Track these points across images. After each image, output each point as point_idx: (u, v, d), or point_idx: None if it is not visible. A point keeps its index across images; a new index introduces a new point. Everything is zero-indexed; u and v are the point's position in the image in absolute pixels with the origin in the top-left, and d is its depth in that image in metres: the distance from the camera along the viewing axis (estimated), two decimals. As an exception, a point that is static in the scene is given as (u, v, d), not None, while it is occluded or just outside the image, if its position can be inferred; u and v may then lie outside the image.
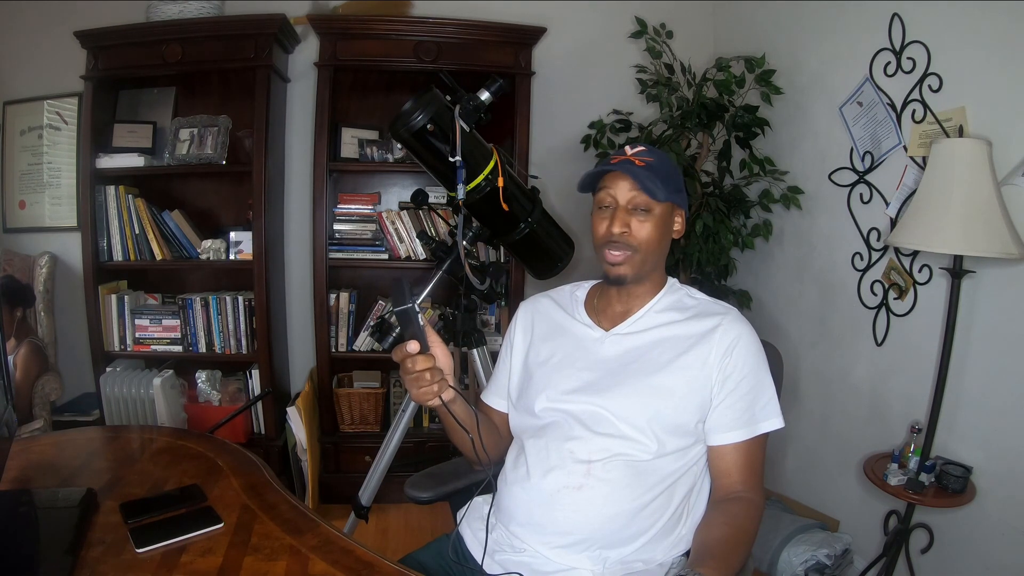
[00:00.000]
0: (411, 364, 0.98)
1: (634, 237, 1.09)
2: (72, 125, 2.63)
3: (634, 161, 1.09)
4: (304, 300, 2.75)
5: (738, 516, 1.03)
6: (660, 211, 1.10)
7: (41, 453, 1.27)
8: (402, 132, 1.38)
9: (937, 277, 1.85)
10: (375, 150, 2.57)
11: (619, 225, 1.09)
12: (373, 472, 1.74)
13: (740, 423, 1.06)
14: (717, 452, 1.08)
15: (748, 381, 1.07)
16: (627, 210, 1.09)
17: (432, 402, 1.00)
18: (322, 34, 2.46)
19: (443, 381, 1.00)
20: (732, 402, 1.06)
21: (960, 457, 1.74)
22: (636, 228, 1.09)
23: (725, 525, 1.02)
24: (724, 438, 1.07)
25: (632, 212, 1.09)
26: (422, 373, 0.98)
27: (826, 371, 2.28)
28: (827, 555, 2.01)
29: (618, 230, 1.09)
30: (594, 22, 2.79)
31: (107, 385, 2.42)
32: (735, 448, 1.06)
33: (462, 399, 1.09)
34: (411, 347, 0.98)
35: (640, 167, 1.08)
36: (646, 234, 1.09)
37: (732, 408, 1.06)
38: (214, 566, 0.89)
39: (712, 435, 1.08)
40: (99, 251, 2.48)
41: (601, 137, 2.53)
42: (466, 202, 1.43)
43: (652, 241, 1.10)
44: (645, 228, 1.09)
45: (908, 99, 1.90)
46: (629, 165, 1.08)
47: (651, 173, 1.07)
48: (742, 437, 1.06)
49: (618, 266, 1.10)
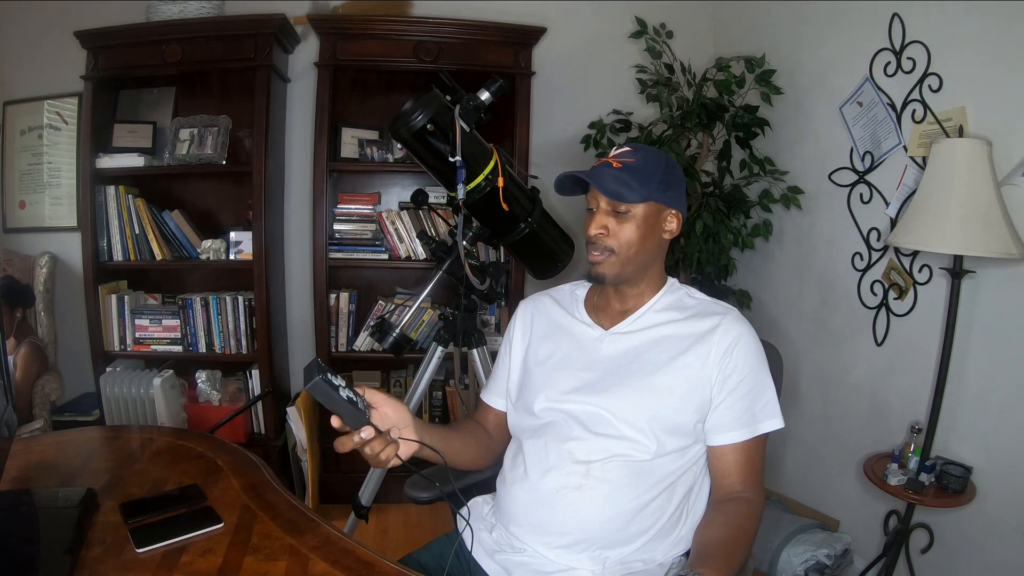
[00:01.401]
0: (363, 448, 0.91)
1: (613, 238, 1.09)
2: (72, 125, 2.63)
3: (611, 163, 1.08)
4: (304, 300, 2.75)
5: (738, 516, 1.03)
6: (641, 211, 1.08)
7: (41, 453, 1.27)
8: (402, 132, 1.38)
9: (937, 277, 1.85)
10: (375, 150, 2.57)
11: (595, 227, 1.09)
12: (373, 472, 1.74)
13: (740, 423, 1.06)
14: (717, 452, 1.08)
15: (748, 381, 1.07)
16: (607, 212, 1.09)
17: (394, 462, 0.96)
18: (322, 34, 2.46)
19: (393, 444, 0.94)
20: (732, 402, 1.06)
21: (960, 457, 1.74)
22: (615, 229, 1.09)
23: (725, 525, 1.02)
24: (724, 438, 1.06)
25: (612, 214, 1.09)
26: (374, 451, 0.92)
27: (826, 371, 2.28)
28: (827, 555, 2.01)
29: (594, 232, 1.09)
30: (594, 22, 2.79)
31: (107, 385, 2.42)
32: (735, 448, 1.06)
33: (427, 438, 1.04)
34: (361, 434, 0.89)
35: (616, 169, 1.07)
36: (625, 235, 1.08)
37: (732, 408, 1.06)
38: (214, 566, 0.89)
39: (712, 435, 1.07)
40: (99, 251, 2.48)
41: (601, 137, 2.53)
42: (466, 202, 1.43)
43: (632, 242, 1.09)
44: (624, 229, 1.08)
45: (908, 99, 1.90)
46: (604, 168, 1.08)
47: (627, 174, 1.06)
48: (742, 437, 1.06)
49: (597, 266, 1.11)
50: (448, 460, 1.07)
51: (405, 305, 2.56)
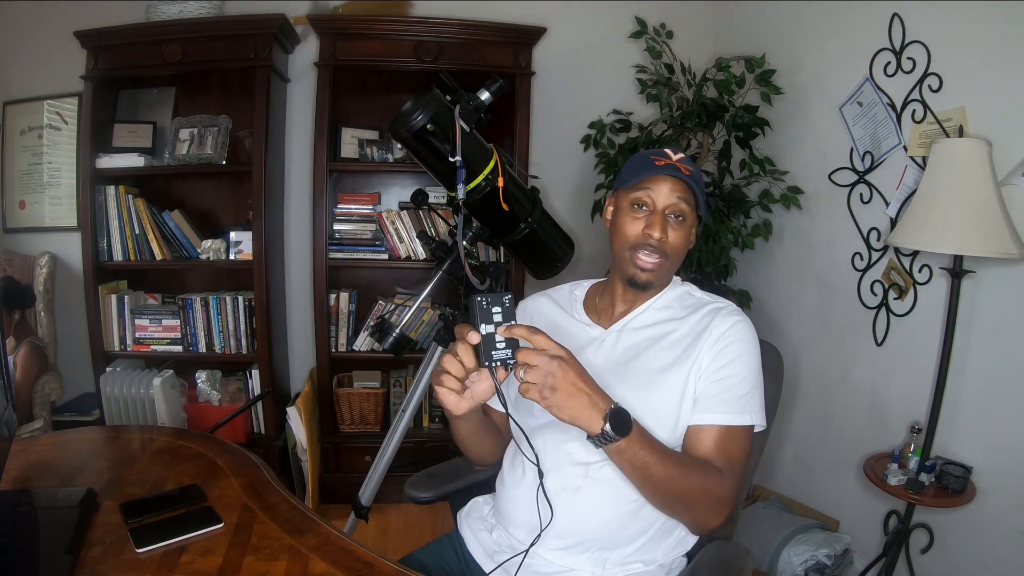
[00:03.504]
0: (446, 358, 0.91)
1: (669, 244, 1.07)
2: (72, 125, 2.63)
3: (680, 168, 1.06)
4: (304, 300, 2.75)
5: (695, 463, 0.99)
6: (691, 221, 1.10)
7: (41, 453, 1.27)
8: (402, 132, 1.38)
9: (937, 277, 1.85)
10: (375, 150, 2.57)
11: (659, 230, 1.06)
12: (373, 472, 1.74)
13: (723, 407, 1.02)
14: (694, 431, 1.03)
15: (736, 367, 1.03)
16: (664, 215, 1.07)
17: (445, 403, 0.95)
18: (322, 34, 2.46)
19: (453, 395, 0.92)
20: (717, 386, 1.03)
21: (960, 457, 1.74)
22: (671, 235, 1.07)
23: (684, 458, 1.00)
24: (703, 418, 1.02)
25: (669, 218, 1.07)
26: (444, 370, 0.91)
27: (826, 371, 2.28)
28: (827, 555, 2.01)
29: (659, 235, 1.06)
30: (594, 22, 2.79)
31: (107, 385, 2.42)
32: (711, 430, 1.02)
33: (477, 421, 1.07)
34: (471, 337, 0.88)
35: (686, 175, 1.06)
36: (678, 242, 1.08)
37: (716, 388, 1.03)
38: (214, 566, 0.89)
39: (693, 414, 1.03)
40: (99, 251, 2.47)
41: (601, 137, 2.53)
42: (466, 202, 1.42)
43: (681, 250, 1.10)
44: (678, 236, 1.08)
45: (908, 99, 1.90)
46: (677, 171, 1.06)
47: (694, 183, 1.07)
48: (722, 421, 1.02)
49: (648, 272, 1.08)
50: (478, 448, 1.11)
51: (405, 305, 2.56)
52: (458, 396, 0.93)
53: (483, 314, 0.87)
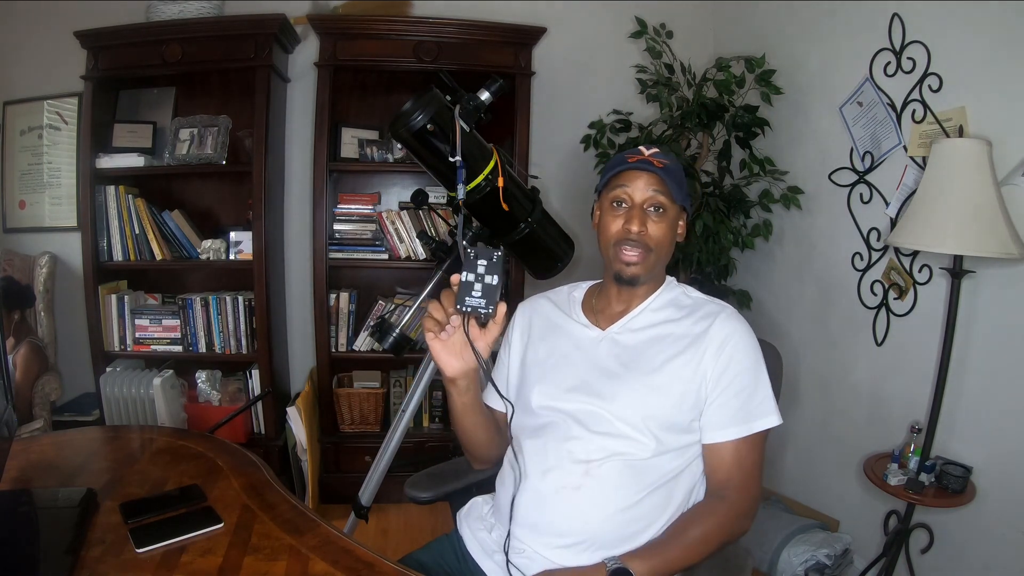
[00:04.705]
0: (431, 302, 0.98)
1: (650, 237, 1.09)
2: (72, 125, 2.63)
3: (652, 162, 1.09)
4: (304, 300, 2.75)
5: (701, 514, 1.04)
6: (673, 213, 1.11)
7: (41, 453, 1.27)
8: (402, 132, 1.38)
9: (937, 277, 1.85)
10: (375, 150, 2.57)
11: (638, 224, 1.08)
12: (373, 472, 1.74)
13: (735, 420, 1.05)
14: (710, 450, 1.07)
15: (742, 378, 1.06)
16: (642, 209, 1.09)
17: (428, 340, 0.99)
18: (322, 34, 2.46)
19: (444, 352, 0.99)
20: (726, 399, 1.06)
21: (960, 457, 1.74)
22: (651, 228, 1.09)
23: (687, 520, 1.04)
24: (718, 436, 1.06)
25: (647, 212, 1.09)
26: (429, 314, 0.98)
27: (826, 371, 2.28)
28: (827, 555, 2.01)
29: (636, 228, 1.08)
30: (594, 22, 2.79)
31: (107, 385, 2.42)
32: (728, 446, 1.06)
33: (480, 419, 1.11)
34: (452, 278, 0.93)
35: (659, 168, 1.08)
36: (660, 234, 1.10)
37: (726, 406, 1.06)
38: (214, 566, 0.89)
39: (706, 432, 1.07)
40: (99, 251, 2.47)
41: (601, 137, 2.53)
42: (466, 202, 1.42)
43: (665, 242, 1.11)
44: (660, 228, 1.10)
45: (908, 99, 1.90)
46: (649, 164, 1.09)
47: (666, 174, 1.08)
48: (737, 435, 1.05)
49: (633, 266, 1.10)
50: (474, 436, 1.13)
51: (405, 305, 2.55)
52: (448, 353, 0.98)
53: (468, 263, 0.91)
